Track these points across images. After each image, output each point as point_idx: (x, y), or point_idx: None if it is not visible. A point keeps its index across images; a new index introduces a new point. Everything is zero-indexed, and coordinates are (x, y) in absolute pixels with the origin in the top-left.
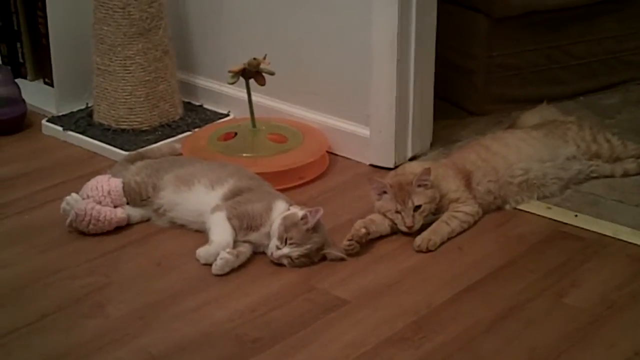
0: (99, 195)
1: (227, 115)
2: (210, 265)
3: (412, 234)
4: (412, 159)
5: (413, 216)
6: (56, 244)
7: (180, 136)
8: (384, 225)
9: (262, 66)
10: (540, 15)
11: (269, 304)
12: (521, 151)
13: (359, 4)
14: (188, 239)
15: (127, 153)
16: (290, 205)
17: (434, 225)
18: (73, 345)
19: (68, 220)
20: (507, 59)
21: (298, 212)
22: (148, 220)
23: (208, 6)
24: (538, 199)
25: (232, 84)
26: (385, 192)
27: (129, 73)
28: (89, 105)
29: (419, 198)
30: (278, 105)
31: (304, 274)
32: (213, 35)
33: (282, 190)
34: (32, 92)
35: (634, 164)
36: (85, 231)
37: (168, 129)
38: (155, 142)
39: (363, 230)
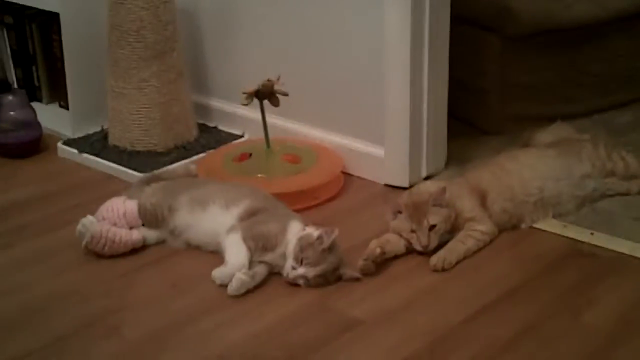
0: (115, 217)
1: (242, 136)
2: (226, 286)
3: (428, 253)
4: (426, 178)
5: (428, 235)
6: (72, 266)
7: (195, 157)
8: (399, 245)
9: (276, 87)
10: (553, 34)
11: (284, 324)
12: (536, 169)
13: (372, 24)
14: (203, 260)
15: (142, 175)
16: (306, 225)
17: (449, 244)
18: None
19: (84, 243)
20: (520, 77)
21: (313, 232)
22: (163, 241)
23: (222, 28)
24: (554, 217)
25: (246, 105)
26: (400, 212)
27: (144, 95)
28: (104, 127)
29: (434, 217)
30: (292, 126)
31: (320, 294)
32: (227, 57)
33: (297, 211)
34: (48, 115)
35: None
36: (100, 253)
37: (183, 151)
38: (170, 163)
39: (378, 250)
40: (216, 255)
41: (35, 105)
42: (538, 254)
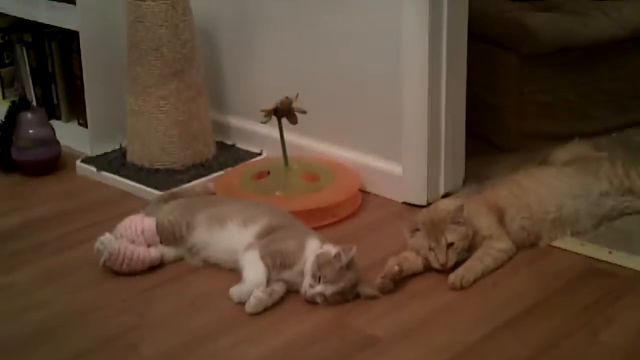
0: (133, 235)
1: (260, 154)
2: (244, 304)
3: (446, 271)
4: (444, 196)
5: (446, 253)
6: (90, 283)
7: (213, 175)
8: (417, 263)
9: (294, 105)
10: (571, 52)
11: (302, 342)
12: (554, 187)
13: (390, 44)
14: (221, 277)
15: (160, 193)
16: (323, 243)
17: (467, 262)
18: None
19: (102, 260)
20: (538, 95)
21: (331, 250)
22: (181, 259)
23: (240, 46)
24: (571, 235)
25: (265, 122)
26: (418, 230)
27: (163, 113)
28: (123, 145)
29: (452, 235)
30: (310, 144)
31: (338, 311)
32: (245, 74)
33: (315, 229)
34: (67, 133)
35: None
36: (118, 271)
37: (201, 169)
38: (189, 181)
39: (396, 268)
40: (234, 272)
41: (54, 123)
42: (556, 272)
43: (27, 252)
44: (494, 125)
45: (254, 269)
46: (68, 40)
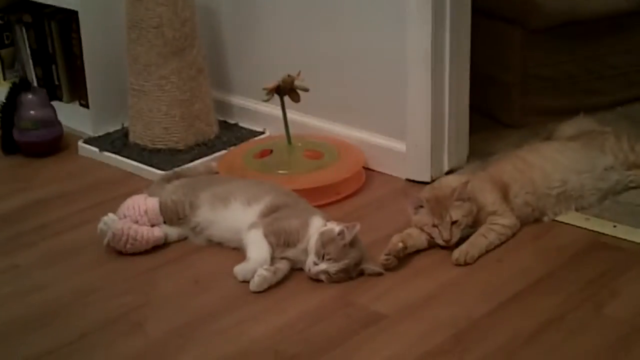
0: (136, 215)
1: (263, 132)
2: (248, 282)
3: (450, 247)
4: (448, 172)
5: (450, 230)
6: (94, 264)
7: (216, 155)
8: (421, 239)
9: (296, 83)
10: (576, 25)
11: (307, 319)
12: (558, 163)
13: (393, 20)
14: (225, 256)
15: (163, 172)
16: (327, 221)
17: (471, 238)
18: None
19: (105, 240)
20: (543, 70)
21: (335, 227)
22: (185, 238)
23: (241, 24)
24: (576, 210)
25: (267, 101)
26: (421, 207)
27: (164, 93)
28: (125, 125)
29: (457, 212)
30: (313, 122)
31: (342, 289)
32: (247, 53)
33: (319, 207)
34: (68, 114)
35: None
36: (122, 251)
37: (204, 148)
38: (191, 161)
39: (400, 245)
40: (238, 251)
41: (55, 104)
42: (560, 246)
43: (30, 233)
44: (499, 101)
45: (258, 248)
46: (68, 20)
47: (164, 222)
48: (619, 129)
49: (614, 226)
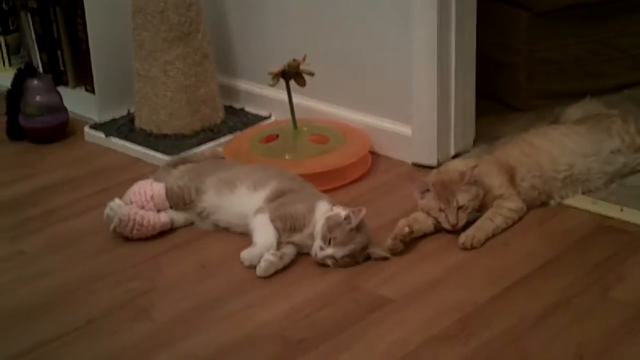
0: (142, 200)
1: (269, 117)
2: (255, 267)
3: (456, 231)
4: (455, 156)
5: (457, 214)
6: (100, 249)
7: (222, 140)
8: (427, 224)
9: (302, 67)
10: (582, 8)
11: (313, 304)
12: (565, 146)
13: (400, 3)
14: (232, 241)
15: (169, 158)
16: (333, 205)
17: (478, 222)
18: (119, 349)
19: (112, 226)
20: (549, 53)
21: (341, 212)
22: (191, 224)
23: (247, 9)
24: (583, 193)
25: (273, 85)
26: (428, 191)
27: (169, 78)
28: (131, 111)
29: (463, 196)
30: (319, 106)
31: (348, 274)
32: (252, 37)
33: (325, 191)
34: (74, 100)
35: None
36: (129, 236)
37: (210, 133)
38: (197, 146)
39: (406, 229)
40: (244, 236)
41: (61, 89)
42: (567, 230)
43: (36, 219)
44: (505, 85)
45: (264, 233)
46: (73, 5)
47: (170, 208)
48: (625, 112)
49: (621, 209)
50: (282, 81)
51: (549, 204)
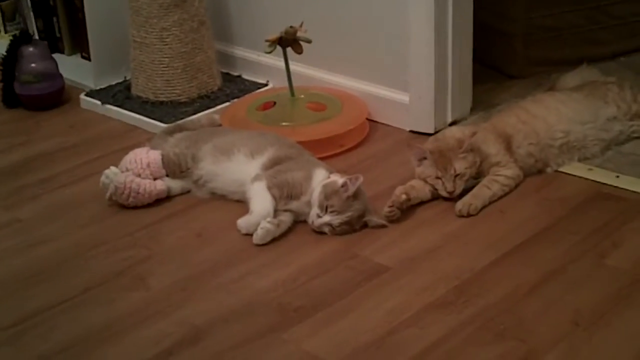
0: (138, 168)
1: (266, 84)
2: (251, 235)
3: (453, 199)
4: (452, 124)
5: (454, 182)
6: (96, 217)
7: (219, 107)
8: (424, 191)
9: (299, 34)
10: None
11: (310, 272)
12: (561, 113)
13: None
14: (228, 209)
15: (165, 125)
16: (331, 173)
17: (475, 189)
18: (116, 317)
19: (108, 194)
20: (546, 20)
21: (338, 179)
22: (188, 191)
23: None
24: (579, 160)
25: (270, 53)
26: (425, 158)
27: (166, 45)
28: (127, 78)
29: (460, 164)
30: (316, 74)
31: (345, 241)
32: (249, 4)
33: (322, 159)
34: (70, 67)
35: None
36: (125, 204)
37: (207, 100)
38: (194, 113)
39: (404, 197)
40: (241, 204)
41: (56, 56)
42: (563, 197)
43: (33, 187)
44: (502, 52)
45: (261, 200)
46: None
47: (167, 175)
48: (622, 79)
49: (617, 176)
50: (279, 48)
51: (545, 171)
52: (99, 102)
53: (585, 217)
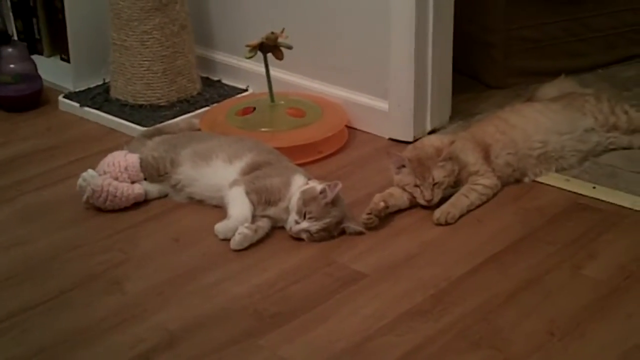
0: (116, 171)
1: (246, 90)
2: (229, 240)
3: (431, 207)
4: (431, 132)
5: (432, 190)
6: (73, 220)
7: (198, 111)
8: (402, 199)
9: (279, 40)
10: None
11: (287, 278)
12: (539, 124)
13: None
14: (206, 214)
15: (144, 129)
16: (309, 179)
17: (453, 198)
18: (91, 321)
19: (85, 197)
20: (525, 32)
21: (317, 186)
22: (166, 196)
23: None
24: (556, 171)
25: (250, 58)
26: (404, 166)
27: (146, 48)
28: (106, 81)
29: (439, 172)
30: (296, 80)
31: (323, 248)
32: (231, 9)
33: (301, 165)
34: (49, 69)
35: None
36: (102, 207)
37: (186, 105)
38: (173, 117)
39: (382, 204)
40: (219, 209)
41: (35, 58)
42: (540, 207)
43: (9, 189)
44: (481, 62)
45: (239, 206)
46: None
47: (145, 179)
48: (599, 91)
49: (594, 187)
50: (259, 54)
51: (523, 181)
52: (77, 105)
53: (562, 227)
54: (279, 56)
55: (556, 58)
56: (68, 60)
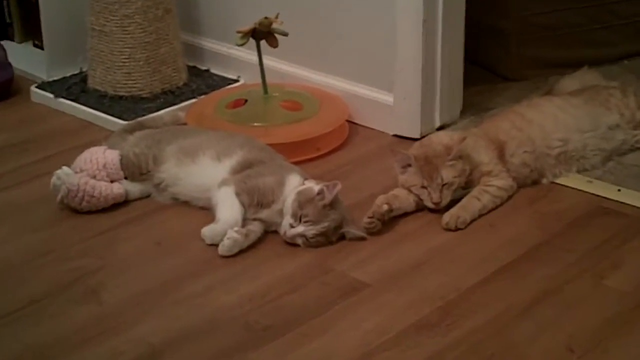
0: (94, 169)
1: (237, 80)
2: (217, 245)
3: (440, 210)
4: (439, 128)
5: (440, 191)
6: (46, 222)
7: (184, 104)
8: (408, 201)
9: (274, 26)
10: None
11: (281, 287)
12: (559, 120)
13: None
14: (192, 216)
15: (125, 122)
16: (306, 179)
17: (463, 200)
18: (63, 334)
19: (59, 197)
20: (541, 18)
21: (314, 186)
22: (148, 196)
23: None
24: (578, 172)
25: (241, 45)
26: (409, 165)
27: (127, 34)
28: (83, 69)
29: (448, 172)
30: (292, 70)
31: (320, 254)
32: None
33: (297, 163)
34: (20, 56)
35: None
36: (78, 208)
37: (171, 96)
38: (157, 110)
39: (385, 207)
40: (206, 211)
41: (6, 44)
42: (560, 211)
43: None
44: (495, 51)
45: (228, 207)
46: None
47: (125, 178)
48: (625, 84)
49: (618, 190)
50: (252, 41)
51: (540, 182)
52: (51, 95)
53: (583, 233)
54: (273, 43)
55: (576, 47)
56: (41, 47)
